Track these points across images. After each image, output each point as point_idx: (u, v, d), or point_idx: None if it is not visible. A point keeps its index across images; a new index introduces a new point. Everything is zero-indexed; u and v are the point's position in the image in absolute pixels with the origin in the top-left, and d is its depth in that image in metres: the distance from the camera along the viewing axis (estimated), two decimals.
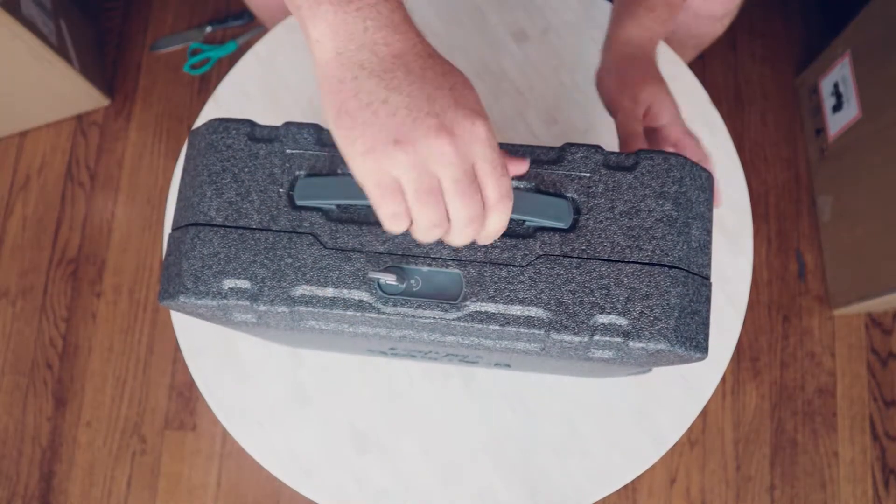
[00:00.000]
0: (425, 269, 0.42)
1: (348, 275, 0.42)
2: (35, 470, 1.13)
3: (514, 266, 0.42)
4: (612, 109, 0.57)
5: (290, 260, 0.43)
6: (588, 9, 0.77)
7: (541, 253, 0.42)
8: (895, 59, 0.99)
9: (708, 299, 0.43)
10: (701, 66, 1.27)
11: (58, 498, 1.12)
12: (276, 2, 0.80)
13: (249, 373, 0.68)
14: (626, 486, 1.10)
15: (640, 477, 1.06)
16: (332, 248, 0.43)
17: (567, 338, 0.41)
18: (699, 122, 0.73)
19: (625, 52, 0.57)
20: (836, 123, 1.14)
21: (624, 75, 0.56)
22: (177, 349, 1.17)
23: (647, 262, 0.41)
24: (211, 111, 0.75)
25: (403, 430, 0.67)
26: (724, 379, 1.14)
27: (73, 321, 1.19)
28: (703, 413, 1.13)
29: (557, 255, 0.42)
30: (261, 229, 0.43)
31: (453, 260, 0.42)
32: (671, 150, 0.54)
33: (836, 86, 1.14)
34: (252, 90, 0.76)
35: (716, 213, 0.71)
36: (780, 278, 1.19)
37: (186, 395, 1.15)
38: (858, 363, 1.15)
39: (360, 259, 0.42)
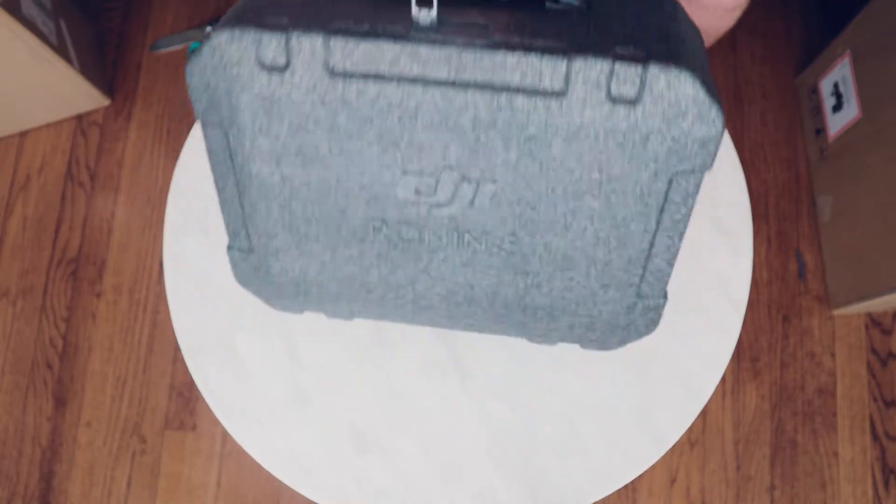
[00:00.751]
0: (457, 16, 0.45)
1: (387, 14, 0.45)
2: (35, 470, 1.13)
3: (536, 17, 0.45)
4: None
5: (331, 7, 0.45)
6: None
7: (558, 15, 0.46)
8: (895, 59, 0.99)
9: (707, 65, 0.45)
10: None
11: (58, 498, 1.12)
12: None
13: (249, 372, 0.68)
14: (626, 486, 1.10)
15: (640, 477, 1.06)
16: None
17: (590, 64, 0.42)
18: None
19: None
20: (836, 123, 1.14)
21: None
22: (177, 349, 1.17)
23: (656, 33, 0.44)
24: None
25: (403, 429, 0.67)
26: (723, 379, 1.14)
27: (73, 321, 1.19)
28: (703, 413, 1.13)
29: (574, 20, 0.45)
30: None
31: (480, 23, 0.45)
32: None
33: (835, 86, 1.14)
34: None
35: (716, 213, 0.71)
36: (780, 278, 1.19)
37: (186, 395, 1.15)
38: (858, 363, 1.15)
39: (401, 7, 0.45)
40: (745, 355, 1.16)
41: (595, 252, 0.51)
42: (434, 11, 0.44)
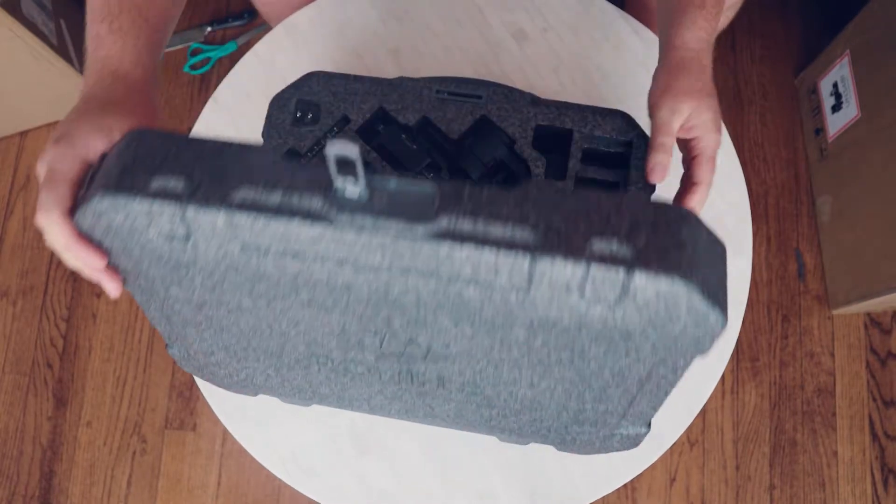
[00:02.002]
0: (393, 182, 0.35)
1: (303, 180, 0.35)
2: (35, 469, 1.13)
3: (498, 188, 0.35)
4: (650, 115, 0.56)
5: (238, 166, 0.36)
6: (588, 9, 0.77)
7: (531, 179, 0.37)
8: (895, 59, 1.00)
9: (723, 259, 0.36)
10: None
11: (58, 497, 1.12)
12: (284, 1, 0.81)
13: None
14: (625, 486, 1.10)
15: (639, 476, 1.06)
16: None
17: (558, 266, 0.33)
18: None
19: (679, 57, 0.55)
20: (836, 123, 1.14)
21: (670, 83, 0.55)
22: None
23: (650, 223, 0.35)
24: (211, 111, 0.75)
25: (403, 430, 0.67)
26: (723, 378, 1.14)
27: (74, 321, 1.19)
28: (703, 413, 1.13)
29: (545, 189, 0.36)
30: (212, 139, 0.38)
31: (430, 179, 0.36)
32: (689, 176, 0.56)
33: (835, 86, 1.14)
34: (252, 90, 0.76)
35: (716, 213, 0.71)
36: (780, 278, 1.19)
37: (186, 395, 1.15)
38: (857, 363, 1.15)
39: (321, 167, 0.34)
40: (745, 355, 1.16)
41: (567, 402, 0.47)
42: (361, 184, 0.34)
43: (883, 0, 1.03)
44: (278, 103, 0.62)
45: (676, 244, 0.34)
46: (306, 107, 0.61)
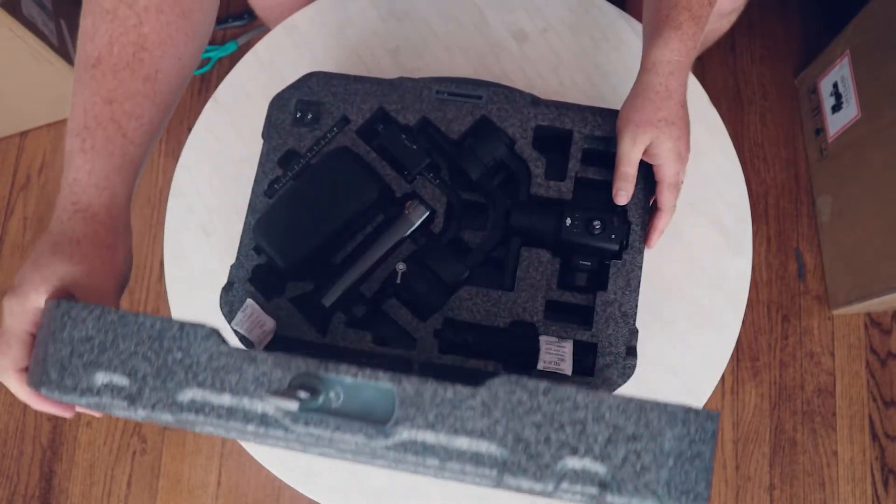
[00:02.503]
0: (349, 379, 0.34)
1: (251, 380, 0.34)
2: (35, 469, 1.13)
3: (464, 384, 0.34)
4: (616, 143, 0.58)
5: (179, 354, 0.35)
6: (588, 9, 0.77)
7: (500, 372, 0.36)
8: (895, 59, 1.00)
9: (714, 435, 0.35)
10: (700, 66, 1.27)
11: (58, 497, 1.12)
12: (282, 3, 0.80)
13: None
14: None
15: None
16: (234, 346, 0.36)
17: (526, 483, 0.33)
18: (699, 122, 0.73)
19: (646, 82, 0.56)
20: (836, 123, 1.14)
21: (635, 110, 0.56)
22: None
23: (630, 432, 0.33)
24: (211, 111, 0.75)
25: None
26: (723, 378, 1.14)
27: None
28: None
29: (521, 376, 0.34)
30: (146, 314, 0.37)
31: (388, 371, 0.34)
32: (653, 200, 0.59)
33: (835, 86, 1.14)
34: (252, 90, 0.76)
35: (716, 213, 0.71)
36: (780, 278, 1.19)
37: None
38: (857, 363, 1.15)
39: (267, 362, 0.34)
40: (745, 355, 1.16)
41: None
42: (303, 400, 0.33)
43: (883, 0, 1.03)
44: (278, 103, 0.61)
45: (657, 458, 0.32)
46: (306, 107, 0.61)
